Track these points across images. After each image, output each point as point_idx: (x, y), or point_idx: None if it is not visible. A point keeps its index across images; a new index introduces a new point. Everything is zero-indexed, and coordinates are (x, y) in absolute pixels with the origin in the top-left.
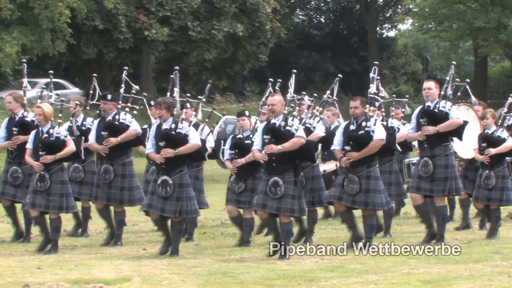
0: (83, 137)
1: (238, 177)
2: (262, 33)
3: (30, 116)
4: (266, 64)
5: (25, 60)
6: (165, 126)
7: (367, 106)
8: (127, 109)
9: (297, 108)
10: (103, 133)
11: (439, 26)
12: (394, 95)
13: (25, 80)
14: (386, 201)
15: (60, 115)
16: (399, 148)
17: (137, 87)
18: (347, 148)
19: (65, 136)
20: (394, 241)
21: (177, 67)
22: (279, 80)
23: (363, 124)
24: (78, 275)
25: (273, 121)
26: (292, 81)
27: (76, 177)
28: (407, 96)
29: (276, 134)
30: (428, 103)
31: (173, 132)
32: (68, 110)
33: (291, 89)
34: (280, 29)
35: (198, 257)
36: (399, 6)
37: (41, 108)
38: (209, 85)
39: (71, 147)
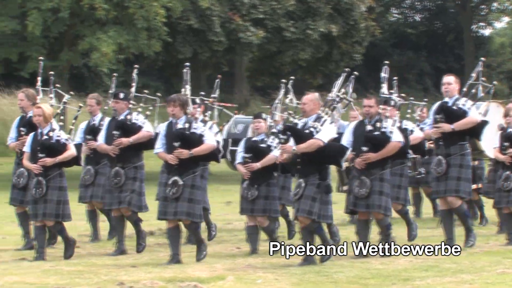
0: (83, 144)
1: (251, 182)
2: (356, 32)
3: None
4: (361, 63)
5: (41, 59)
6: (179, 125)
7: (381, 106)
8: (139, 109)
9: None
10: (114, 132)
11: None
12: (412, 98)
13: (39, 79)
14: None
15: (62, 117)
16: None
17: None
18: (365, 149)
19: (66, 140)
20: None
21: (187, 63)
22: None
23: (378, 124)
24: (172, 273)
25: (302, 120)
26: (338, 81)
27: (86, 180)
28: (425, 99)
29: (294, 134)
30: (446, 99)
31: (187, 132)
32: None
33: (335, 89)
34: (375, 28)
35: (293, 256)
36: (494, 4)
37: (41, 108)
38: (217, 80)
39: (71, 151)
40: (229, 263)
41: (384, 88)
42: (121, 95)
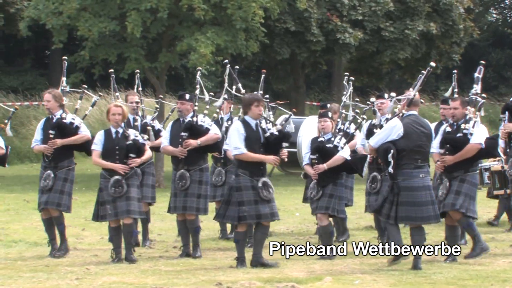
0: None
1: (318, 183)
2: (454, 32)
3: (68, 118)
4: (459, 63)
5: (65, 58)
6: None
7: (468, 107)
8: (205, 111)
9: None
10: (182, 134)
11: None
12: None
13: (64, 79)
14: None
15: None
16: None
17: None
18: (441, 151)
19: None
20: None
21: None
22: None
23: (462, 126)
24: (270, 274)
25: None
26: (419, 81)
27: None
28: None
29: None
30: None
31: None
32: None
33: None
34: (473, 29)
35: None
36: None
37: (121, 107)
38: (263, 76)
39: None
40: (327, 264)
41: (477, 88)
42: (187, 96)
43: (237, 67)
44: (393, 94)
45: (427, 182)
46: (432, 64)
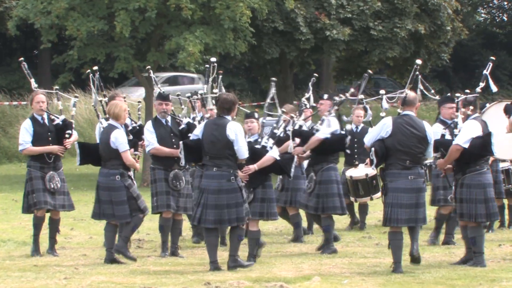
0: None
1: (248, 185)
2: (442, 33)
3: (61, 118)
4: (448, 63)
5: (22, 59)
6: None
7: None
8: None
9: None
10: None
11: None
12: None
13: (32, 81)
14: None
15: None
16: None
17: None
18: (437, 155)
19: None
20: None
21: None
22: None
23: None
24: (258, 273)
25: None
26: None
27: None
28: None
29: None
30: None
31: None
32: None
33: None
34: (461, 29)
35: (379, 256)
36: None
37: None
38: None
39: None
40: (316, 264)
41: (482, 86)
42: (170, 97)
43: (221, 72)
44: (382, 91)
45: (416, 185)
46: (418, 61)
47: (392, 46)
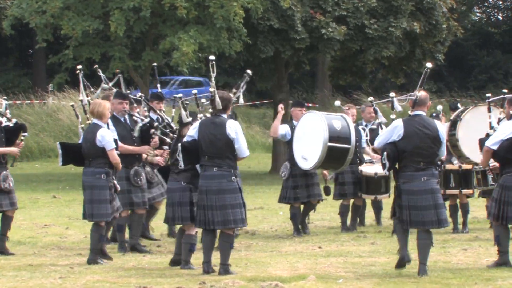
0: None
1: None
2: (438, 32)
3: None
4: (444, 62)
5: None
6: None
7: None
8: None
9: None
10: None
11: None
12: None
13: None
14: None
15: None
16: None
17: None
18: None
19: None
20: None
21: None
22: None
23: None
24: (254, 272)
25: None
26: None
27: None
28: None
29: None
30: None
31: None
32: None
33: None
34: (457, 28)
35: (374, 255)
36: None
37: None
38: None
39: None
40: (311, 263)
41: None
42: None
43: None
44: (392, 93)
45: (430, 186)
46: (429, 64)
47: (387, 45)
